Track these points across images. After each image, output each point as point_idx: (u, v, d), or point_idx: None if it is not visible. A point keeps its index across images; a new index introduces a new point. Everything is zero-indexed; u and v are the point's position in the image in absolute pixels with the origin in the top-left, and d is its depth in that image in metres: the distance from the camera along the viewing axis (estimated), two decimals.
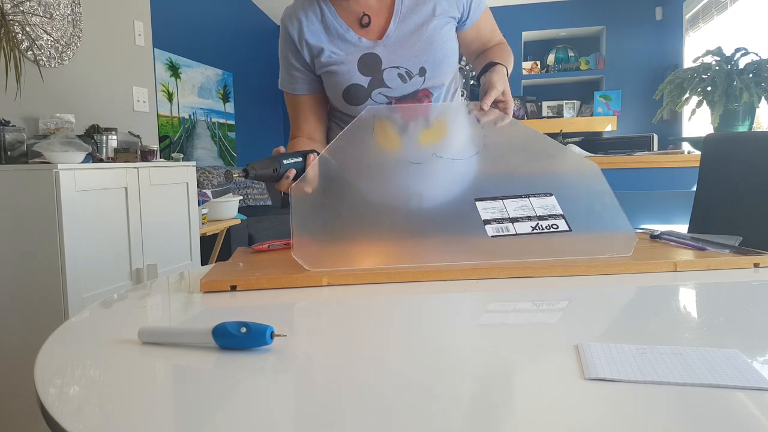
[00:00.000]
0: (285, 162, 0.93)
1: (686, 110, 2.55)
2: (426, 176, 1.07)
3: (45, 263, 1.72)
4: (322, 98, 1.19)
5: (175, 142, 4.09)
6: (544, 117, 6.02)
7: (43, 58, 2.31)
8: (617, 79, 5.83)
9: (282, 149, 0.97)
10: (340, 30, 1.11)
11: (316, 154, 0.98)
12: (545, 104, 6.06)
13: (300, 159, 0.96)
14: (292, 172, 0.94)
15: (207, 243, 3.06)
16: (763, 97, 2.21)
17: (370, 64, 1.09)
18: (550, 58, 6.04)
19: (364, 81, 1.09)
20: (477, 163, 1.08)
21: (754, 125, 2.33)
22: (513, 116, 1.12)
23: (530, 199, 0.99)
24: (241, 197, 3.95)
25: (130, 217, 2.02)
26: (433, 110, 1.12)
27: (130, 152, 2.25)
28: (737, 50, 2.30)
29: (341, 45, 1.10)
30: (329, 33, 1.11)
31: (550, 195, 0.99)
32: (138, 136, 2.45)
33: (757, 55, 2.29)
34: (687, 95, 2.35)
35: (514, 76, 5.97)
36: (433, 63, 1.10)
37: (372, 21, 1.11)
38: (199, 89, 4.49)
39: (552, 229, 0.93)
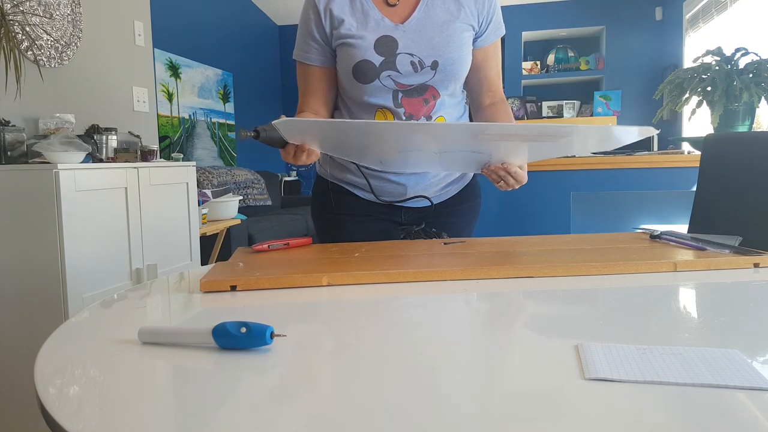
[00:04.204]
0: None
1: (686, 110, 2.55)
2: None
3: (45, 263, 1.72)
4: (333, 76, 1.20)
5: (175, 142, 4.09)
6: (544, 117, 6.02)
7: (43, 58, 2.31)
8: (617, 79, 5.83)
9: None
10: (365, 6, 1.13)
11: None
12: (545, 104, 6.06)
13: None
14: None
15: (207, 243, 3.06)
16: (763, 97, 2.21)
17: (386, 45, 1.11)
18: (550, 58, 6.04)
19: (376, 60, 1.11)
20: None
21: (754, 125, 2.33)
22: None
23: None
24: (241, 197, 3.94)
25: (130, 217, 2.02)
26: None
27: (130, 152, 2.25)
28: (737, 50, 2.30)
29: (363, 20, 1.12)
30: (354, 6, 1.13)
31: None
32: (138, 136, 2.45)
33: (757, 55, 2.29)
34: (687, 95, 2.35)
35: (515, 76, 5.97)
36: (446, 60, 1.12)
37: (399, 3, 1.13)
38: (199, 89, 4.49)
39: None
